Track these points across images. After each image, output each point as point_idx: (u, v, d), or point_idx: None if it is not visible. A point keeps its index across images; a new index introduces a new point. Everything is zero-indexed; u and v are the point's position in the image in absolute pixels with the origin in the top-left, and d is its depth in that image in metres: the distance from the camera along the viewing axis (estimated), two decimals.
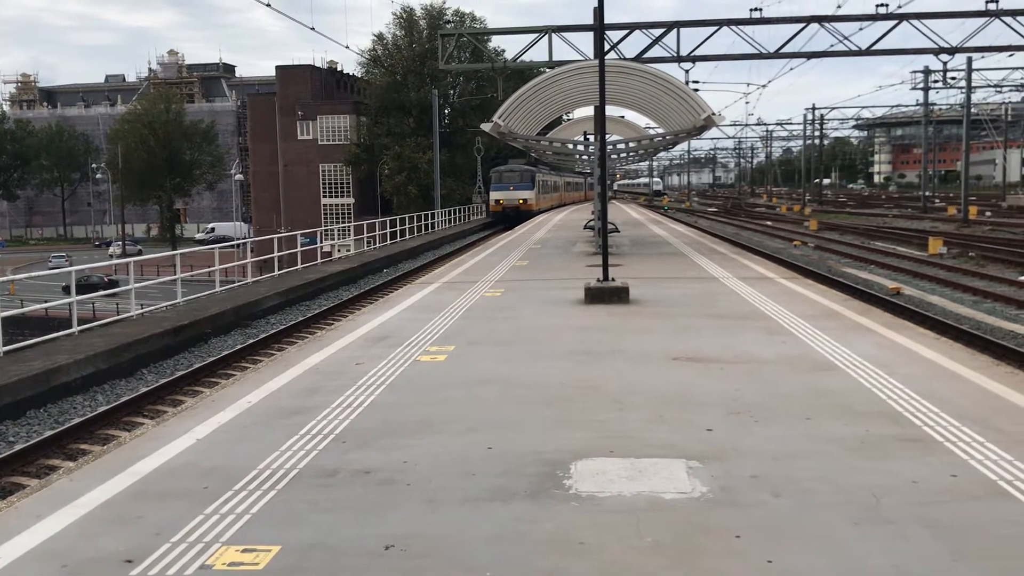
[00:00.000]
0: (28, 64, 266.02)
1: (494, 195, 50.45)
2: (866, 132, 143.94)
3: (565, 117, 50.69)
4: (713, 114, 22.80)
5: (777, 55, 27.89)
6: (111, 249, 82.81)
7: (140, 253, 76.96)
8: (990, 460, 5.90)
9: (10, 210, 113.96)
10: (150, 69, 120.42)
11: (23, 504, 5.52)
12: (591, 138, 30.29)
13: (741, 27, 27.50)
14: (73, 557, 4.67)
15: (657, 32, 27.26)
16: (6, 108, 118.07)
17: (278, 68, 74.68)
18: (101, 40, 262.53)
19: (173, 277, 20.30)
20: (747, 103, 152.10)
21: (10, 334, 14.65)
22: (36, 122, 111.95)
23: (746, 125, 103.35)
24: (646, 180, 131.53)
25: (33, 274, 29.81)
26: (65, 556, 4.69)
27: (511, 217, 47.66)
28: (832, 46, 27.60)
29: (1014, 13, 26.73)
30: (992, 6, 26.94)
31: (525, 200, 49.76)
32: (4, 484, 9.22)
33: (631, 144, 32.34)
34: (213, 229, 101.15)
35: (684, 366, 9.05)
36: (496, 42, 58.64)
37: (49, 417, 11.74)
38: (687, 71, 27.85)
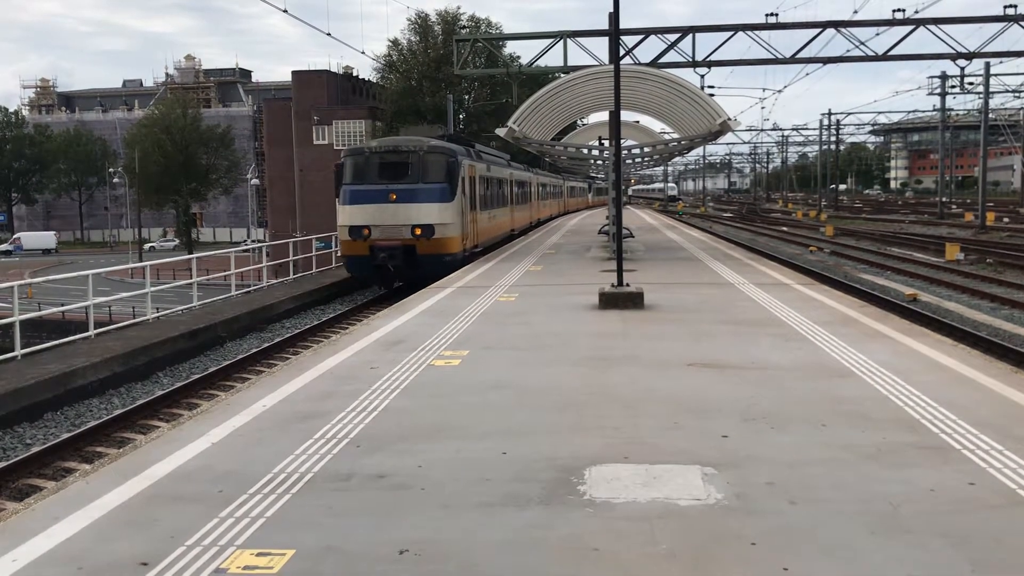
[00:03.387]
0: (47, 69, 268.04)
1: (347, 216, 21.57)
2: (882, 137, 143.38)
3: (580, 122, 50.69)
4: (728, 119, 22.76)
5: (793, 60, 27.81)
6: None
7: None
8: (1009, 468, 5.84)
9: (28, 214, 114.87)
10: (167, 74, 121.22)
11: (39, 506, 5.55)
12: (606, 143, 30.27)
13: (757, 32, 27.45)
14: (89, 560, 4.69)
15: (672, 37, 27.26)
16: (25, 113, 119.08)
17: (294, 73, 74.95)
18: (118, 46, 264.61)
19: (189, 281, 20.40)
20: (763, 108, 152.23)
21: (27, 337, 14.74)
22: (54, 127, 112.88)
23: (762, 130, 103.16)
24: (661, 185, 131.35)
25: (52, 277, 30.03)
26: (81, 559, 4.71)
27: (390, 276, 21.90)
28: (848, 51, 27.53)
29: None
30: (1010, 11, 26.79)
31: (429, 231, 21.11)
32: (21, 486, 9.29)
33: (646, 149, 32.30)
34: (18, 239, 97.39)
35: (699, 372, 9.02)
36: (511, 47, 58.79)
37: (66, 420, 11.82)
38: (702, 76, 27.60)
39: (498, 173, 30.63)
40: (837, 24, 27.30)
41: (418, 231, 21.01)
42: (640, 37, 27.83)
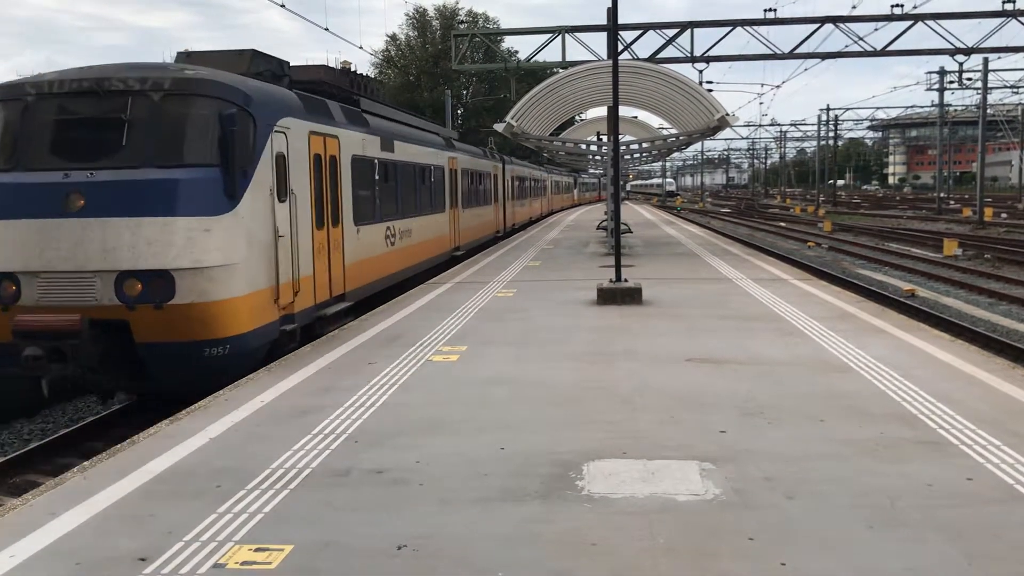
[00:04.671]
0: (43, 64, 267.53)
1: None
2: (881, 133, 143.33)
3: (578, 117, 50.59)
4: (727, 114, 22.73)
5: (791, 55, 27.82)
6: None
7: None
8: (1006, 463, 5.85)
9: None
10: None
11: (38, 502, 5.55)
12: (604, 138, 30.26)
13: (755, 27, 27.45)
14: (87, 555, 4.69)
15: (671, 32, 27.25)
16: None
17: (291, 68, 74.94)
18: (115, 40, 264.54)
19: None
20: (761, 103, 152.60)
21: None
22: None
23: (760, 126, 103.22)
24: (659, 180, 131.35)
25: None
26: (79, 554, 4.71)
27: (60, 388, 10.13)
28: (847, 46, 27.53)
29: None
30: (1009, 6, 26.81)
31: (162, 287, 8.86)
32: (19, 482, 9.28)
33: (644, 144, 32.29)
34: None
35: (697, 367, 9.02)
36: (509, 42, 58.70)
37: (64, 415, 11.81)
38: (701, 71, 27.78)
39: (417, 156, 18.82)
40: (836, 19, 27.31)
41: (135, 287, 9.10)
42: (639, 32, 27.81)
